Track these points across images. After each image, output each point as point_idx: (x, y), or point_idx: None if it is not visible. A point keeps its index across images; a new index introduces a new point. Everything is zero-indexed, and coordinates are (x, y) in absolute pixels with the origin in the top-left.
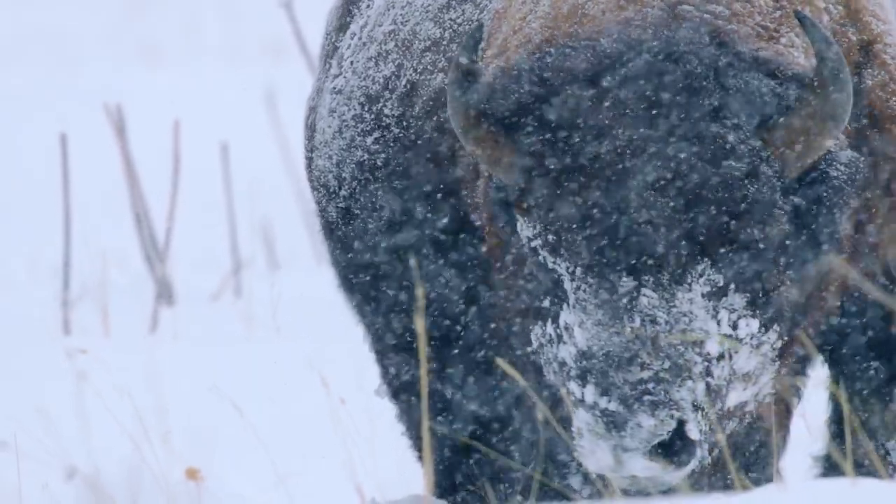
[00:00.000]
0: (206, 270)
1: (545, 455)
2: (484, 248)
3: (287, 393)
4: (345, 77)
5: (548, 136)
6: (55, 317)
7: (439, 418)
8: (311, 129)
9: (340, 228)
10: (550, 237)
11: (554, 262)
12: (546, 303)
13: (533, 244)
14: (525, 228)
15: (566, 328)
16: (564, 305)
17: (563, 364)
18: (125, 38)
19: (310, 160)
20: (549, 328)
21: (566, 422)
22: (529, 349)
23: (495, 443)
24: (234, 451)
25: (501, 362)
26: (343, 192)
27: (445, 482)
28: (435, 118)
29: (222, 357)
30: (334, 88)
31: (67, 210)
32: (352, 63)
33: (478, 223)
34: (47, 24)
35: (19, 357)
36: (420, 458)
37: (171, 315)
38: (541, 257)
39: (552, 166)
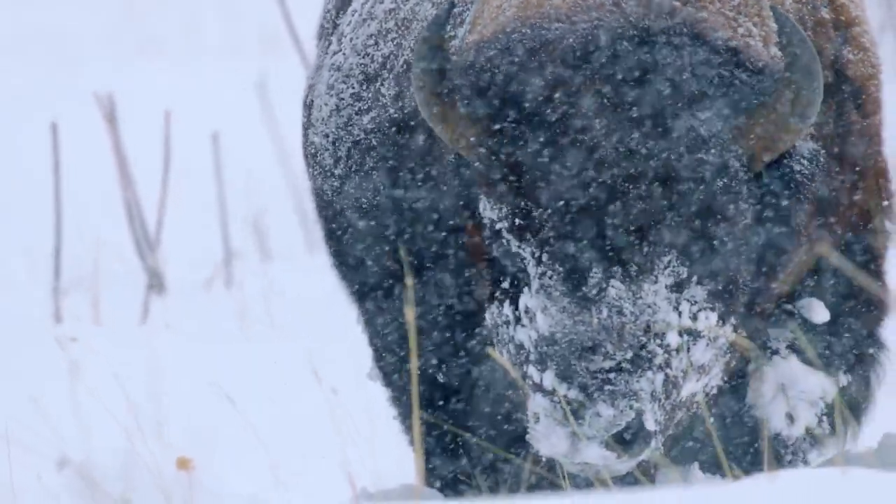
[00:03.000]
0: (198, 261)
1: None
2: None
3: (280, 384)
4: (344, 54)
5: (512, 116)
6: (47, 306)
7: (428, 405)
8: (308, 108)
9: (334, 207)
10: (517, 220)
11: (519, 246)
12: (506, 284)
13: (497, 226)
14: (489, 209)
15: (526, 312)
16: (526, 289)
17: (520, 347)
18: (125, 37)
19: (306, 137)
20: (508, 310)
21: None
22: (484, 329)
23: (486, 432)
24: (226, 442)
25: (493, 352)
26: (338, 171)
27: (438, 471)
28: None
29: (214, 348)
30: (333, 65)
31: (59, 200)
32: (351, 40)
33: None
34: (47, 24)
35: (11, 345)
36: (412, 441)
37: (161, 305)
38: (504, 239)
39: (518, 146)
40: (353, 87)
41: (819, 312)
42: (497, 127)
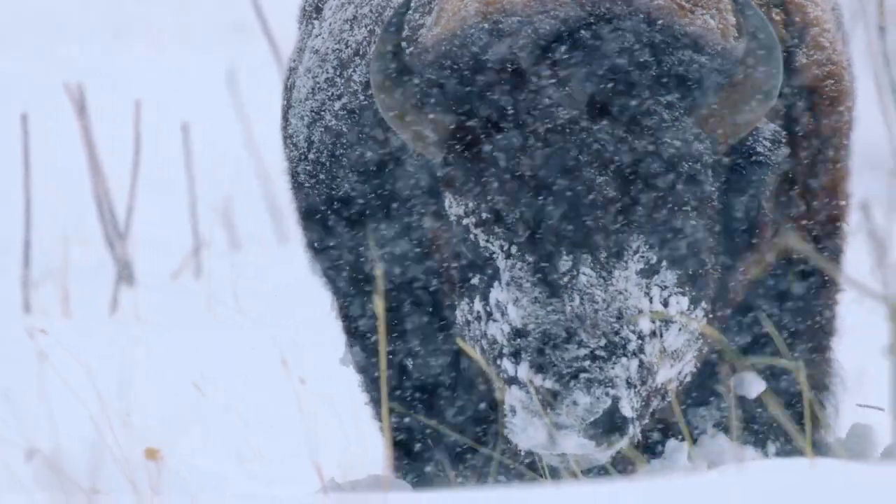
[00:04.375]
0: (167, 251)
1: (504, 433)
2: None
3: (248, 374)
4: (323, 37)
5: (478, 111)
6: (16, 297)
7: (399, 395)
8: (288, 90)
9: (307, 190)
10: (483, 215)
11: (487, 241)
12: (475, 280)
13: (464, 222)
14: (455, 206)
15: (497, 306)
16: (496, 283)
17: (493, 342)
18: (96, 27)
19: (286, 119)
20: (478, 305)
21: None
22: (455, 327)
23: (455, 421)
24: (194, 431)
25: (461, 342)
26: (311, 156)
27: (407, 462)
28: None
29: (183, 337)
30: (313, 48)
31: (29, 191)
32: (330, 24)
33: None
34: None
35: None
36: (383, 428)
37: (131, 295)
38: (471, 235)
39: (483, 142)
40: (328, 72)
41: (754, 386)
42: (459, 124)
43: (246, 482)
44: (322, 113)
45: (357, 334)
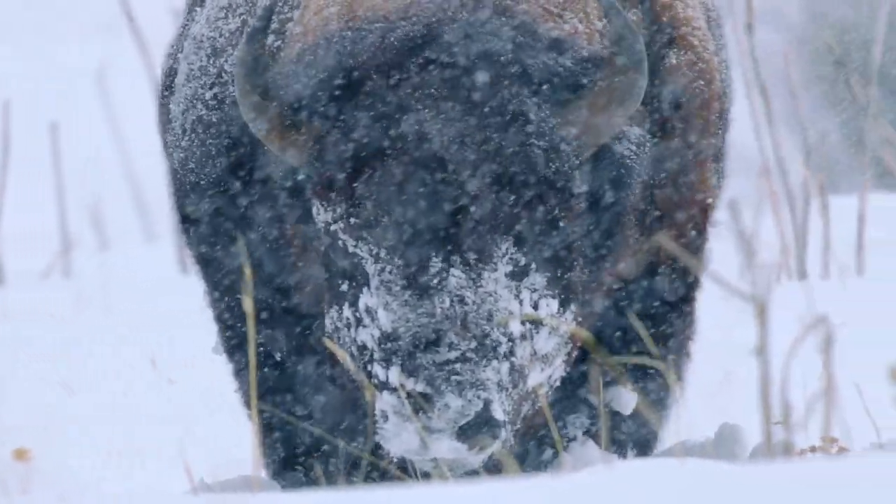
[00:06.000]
0: (36, 250)
1: (376, 439)
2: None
3: (119, 373)
4: (200, 24)
5: (344, 119)
6: None
7: (269, 396)
8: (166, 75)
9: (180, 177)
10: (352, 220)
11: (355, 246)
12: (344, 286)
13: (332, 228)
14: (322, 213)
15: (367, 311)
16: (365, 289)
17: (363, 347)
18: None
19: (164, 106)
20: (347, 311)
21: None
22: (326, 333)
23: (324, 422)
24: (64, 432)
25: (329, 342)
26: (183, 143)
27: (277, 461)
28: None
29: (52, 337)
30: (192, 34)
31: None
32: (209, 11)
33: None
34: None
35: None
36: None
37: (0, 295)
38: (340, 241)
39: (351, 149)
40: (202, 60)
41: (627, 402)
42: (325, 132)
43: (116, 482)
44: (195, 101)
45: (228, 324)
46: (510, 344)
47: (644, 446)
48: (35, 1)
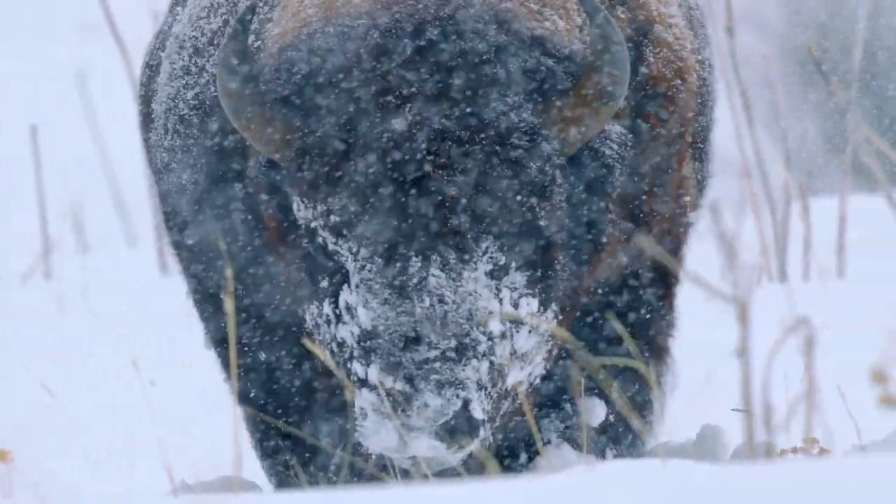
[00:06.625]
0: (16, 252)
1: (355, 437)
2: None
3: (99, 375)
4: (182, 23)
5: (322, 119)
6: None
7: (252, 394)
8: (150, 70)
9: (163, 176)
10: (332, 218)
11: (335, 243)
12: (324, 283)
13: (312, 225)
14: (303, 211)
15: (347, 308)
16: (345, 286)
17: (342, 345)
18: None
19: (146, 104)
20: (328, 309)
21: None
22: (305, 330)
23: (307, 422)
24: (45, 433)
25: (309, 343)
26: (166, 143)
27: (261, 462)
28: None
29: (33, 339)
30: (174, 33)
31: None
32: (191, 10)
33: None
34: None
35: None
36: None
37: None
38: (320, 238)
39: (330, 147)
40: (184, 59)
41: (597, 413)
42: (307, 129)
43: (97, 484)
44: (176, 101)
45: (214, 319)
46: (490, 343)
47: (628, 449)
48: (14, 3)
